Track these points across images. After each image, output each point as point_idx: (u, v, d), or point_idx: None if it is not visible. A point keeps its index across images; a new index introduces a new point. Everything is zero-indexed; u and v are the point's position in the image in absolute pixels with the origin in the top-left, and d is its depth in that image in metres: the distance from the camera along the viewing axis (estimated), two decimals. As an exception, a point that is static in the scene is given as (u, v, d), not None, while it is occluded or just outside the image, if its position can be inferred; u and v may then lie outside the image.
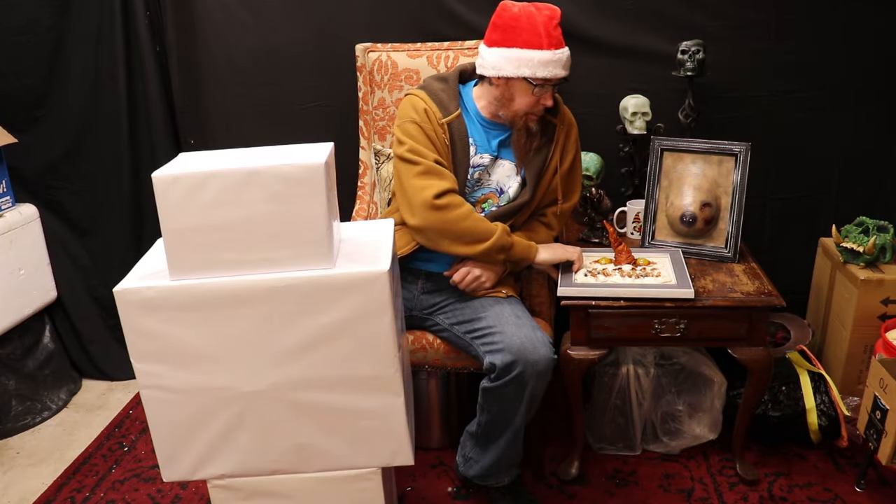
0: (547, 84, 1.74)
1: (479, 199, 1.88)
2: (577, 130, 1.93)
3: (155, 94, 2.47)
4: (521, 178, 1.88)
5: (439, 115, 1.80)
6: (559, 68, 1.73)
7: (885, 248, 2.12)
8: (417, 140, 1.77)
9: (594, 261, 1.99)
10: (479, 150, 1.85)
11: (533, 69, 1.71)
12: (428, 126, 1.78)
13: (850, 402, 2.10)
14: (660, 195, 2.12)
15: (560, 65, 1.73)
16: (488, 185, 1.88)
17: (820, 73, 2.27)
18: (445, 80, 1.86)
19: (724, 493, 1.98)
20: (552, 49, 1.70)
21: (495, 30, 1.75)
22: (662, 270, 1.93)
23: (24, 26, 2.40)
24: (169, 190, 1.30)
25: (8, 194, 2.48)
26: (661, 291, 1.82)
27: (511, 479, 1.89)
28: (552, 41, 1.71)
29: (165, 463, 1.48)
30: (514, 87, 1.76)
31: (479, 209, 1.88)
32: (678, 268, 1.92)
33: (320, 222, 1.33)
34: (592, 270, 1.93)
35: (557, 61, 1.72)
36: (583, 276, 1.90)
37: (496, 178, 1.88)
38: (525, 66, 1.71)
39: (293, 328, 1.37)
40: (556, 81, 1.75)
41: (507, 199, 1.88)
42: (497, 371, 1.68)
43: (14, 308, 2.43)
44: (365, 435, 1.46)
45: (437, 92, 1.83)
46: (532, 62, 1.70)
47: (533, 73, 1.71)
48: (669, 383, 2.10)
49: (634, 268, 1.94)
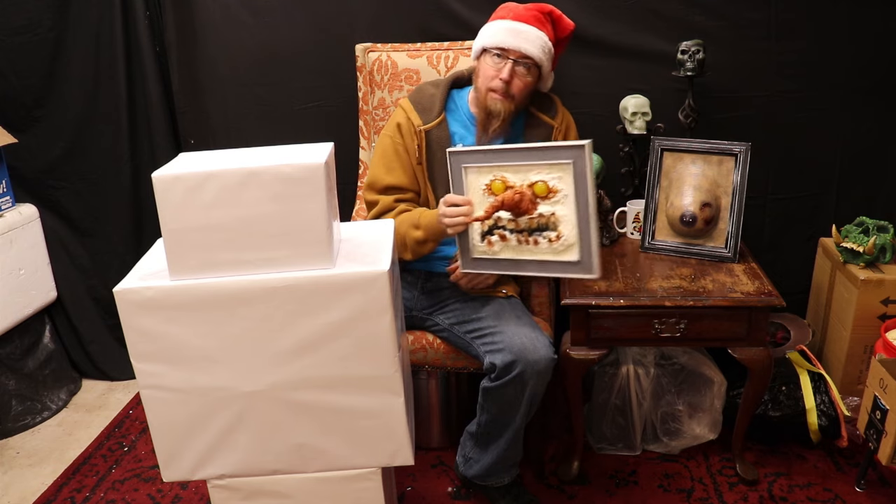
0: (505, 56, 1.74)
1: None
2: (576, 132, 1.93)
3: (155, 94, 2.47)
4: None
5: (419, 123, 1.84)
6: (519, 41, 1.73)
7: (885, 248, 2.12)
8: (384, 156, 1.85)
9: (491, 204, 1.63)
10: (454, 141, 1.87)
11: (491, 38, 1.74)
12: (399, 141, 1.85)
13: (850, 402, 2.10)
14: (660, 195, 2.12)
15: (520, 37, 1.73)
16: None
17: (820, 73, 2.27)
18: (437, 86, 1.90)
19: (724, 493, 1.98)
20: (516, 21, 1.73)
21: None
22: (564, 228, 1.60)
23: (24, 26, 2.40)
24: (169, 190, 1.30)
25: (8, 194, 2.48)
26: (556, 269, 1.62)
27: (511, 479, 1.89)
28: (519, 15, 1.73)
29: (165, 463, 1.48)
30: (480, 65, 1.80)
31: None
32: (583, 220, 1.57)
33: (320, 222, 1.33)
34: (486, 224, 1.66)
35: (517, 33, 1.73)
36: (479, 241, 1.69)
37: None
38: (486, 36, 1.76)
39: (293, 328, 1.37)
40: (518, 57, 1.75)
41: None
42: (497, 371, 1.68)
43: (14, 308, 2.43)
44: (365, 435, 1.46)
45: (424, 98, 1.87)
46: (491, 31, 1.75)
47: (491, 42, 1.74)
48: (669, 383, 2.10)
49: (531, 220, 1.61)
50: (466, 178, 1.66)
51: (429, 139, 1.82)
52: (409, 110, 1.85)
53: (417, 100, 1.87)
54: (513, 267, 1.67)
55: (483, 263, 1.71)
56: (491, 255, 1.69)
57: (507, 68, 1.75)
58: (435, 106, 1.85)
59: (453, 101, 1.89)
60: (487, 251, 1.69)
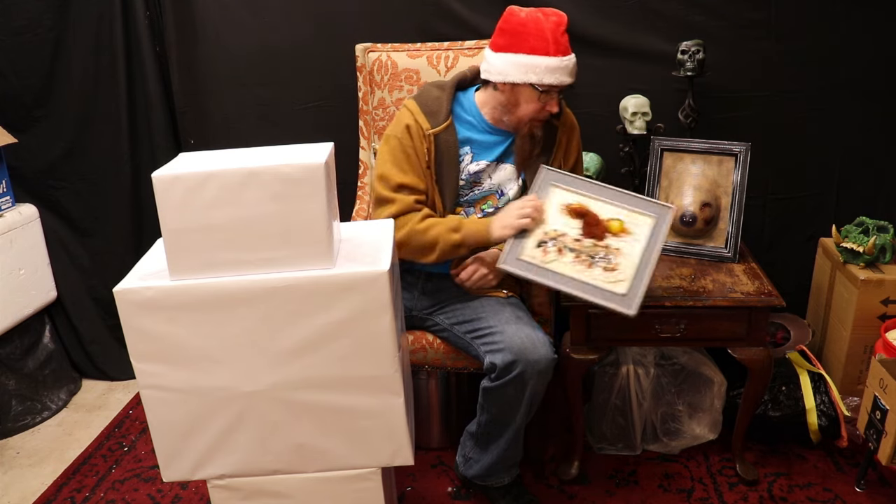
0: (553, 91, 1.73)
1: (479, 201, 1.88)
2: (580, 133, 1.93)
3: (155, 94, 2.47)
4: (521, 180, 1.88)
5: (427, 126, 1.80)
6: (566, 75, 1.72)
7: (885, 248, 2.12)
8: (393, 157, 1.80)
9: (563, 223, 1.75)
10: (475, 158, 1.84)
11: (539, 76, 1.69)
12: (408, 143, 1.79)
13: (850, 402, 2.10)
14: (660, 195, 2.11)
15: (567, 72, 1.72)
16: (489, 188, 1.88)
17: (820, 73, 2.27)
18: (442, 88, 1.85)
19: (724, 493, 1.98)
20: (559, 55, 1.69)
21: (502, 35, 1.73)
22: (623, 263, 1.69)
23: (24, 26, 2.40)
24: (169, 190, 1.30)
25: (8, 194, 2.48)
26: (597, 295, 1.65)
27: (511, 479, 1.89)
28: (559, 48, 1.69)
29: (165, 463, 1.48)
30: (519, 93, 1.74)
31: (478, 211, 1.88)
32: (644, 264, 1.69)
33: (320, 222, 1.33)
34: (548, 234, 1.73)
35: (564, 68, 1.71)
36: (533, 246, 1.73)
37: (497, 181, 1.88)
38: (532, 72, 1.69)
39: (293, 328, 1.37)
40: (562, 88, 1.74)
41: (507, 200, 1.88)
42: (497, 371, 1.68)
43: (14, 308, 2.43)
44: (365, 435, 1.46)
45: (430, 101, 1.83)
46: (539, 69, 1.69)
47: (539, 80, 1.70)
48: (669, 383, 2.10)
49: (596, 245, 1.71)
50: (550, 193, 1.78)
51: (437, 143, 1.80)
52: (416, 113, 1.81)
53: (423, 102, 1.83)
54: (555, 279, 1.69)
55: (527, 267, 1.71)
56: (539, 262, 1.71)
57: (556, 101, 1.75)
58: (442, 109, 1.81)
59: (459, 104, 1.87)
60: (537, 257, 1.71)
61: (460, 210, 1.88)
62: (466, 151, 1.84)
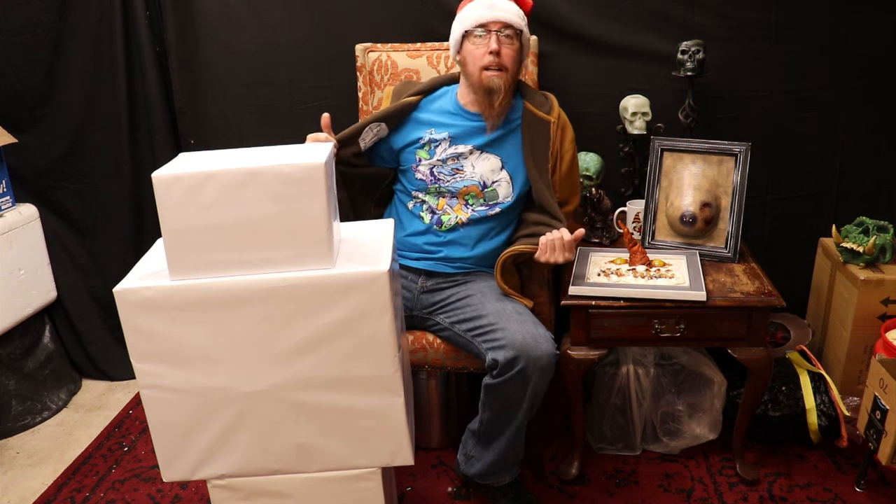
0: (486, 31, 1.79)
1: (461, 192, 1.88)
2: (573, 133, 1.92)
3: (155, 94, 2.47)
4: (507, 174, 1.88)
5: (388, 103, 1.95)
6: (496, 12, 1.78)
7: (885, 248, 2.12)
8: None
9: (609, 261, 2.00)
10: (454, 143, 1.88)
11: (469, 19, 1.80)
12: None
13: (850, 402, 2.10)
14: (660, 195, 2.12)
15: (496, 10, 1.78)
16: (470, 177, 1.88)
17: (820, 73, 2.27)
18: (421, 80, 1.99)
19: (724, 493, 1.98)
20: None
21: None
22: (677, 272, 1.92)
23: (24, 26, 2.40)
24: (169, 190, 1.30)
25: (8, 194, 2.48)
26: (672, 293, 1.82)
27: (512, 479, 1.89)
28: None
29: (165, 463, 1.48)
30: (465, 54, 1.83)
31: (461, 201, 1.88)
32: (693, 269, 1.92)
33: (320, 222, 1.33)
34: (606, 270, 1.94)
35: (492, 6, 1.78)
36: (596, 275, 1.91)
37: (480, 171, 1.88)
38: (461, 24, 1.82)
39: (293, 328, 1.37)
40: (500, 27, 1.78)
41: (492, 193, 1.88)
42: (499, 367, 1.68)
43: (14, 308, 2.43)
44: (365, 435, 1.46)
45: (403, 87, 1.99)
46: (468, 19, 1.81)
47: (472, 22, 1.79)
48: (669, 383, 2.10)
49: (649, 269, 1.94)
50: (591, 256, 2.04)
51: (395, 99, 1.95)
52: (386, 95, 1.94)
53: (397, 88, 1.96)
54: (625, 291, 1.84)
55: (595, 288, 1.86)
56: (604, 282, 1.88)
57: (493, 39, 1.78)
58: (411, 89, 1.93)
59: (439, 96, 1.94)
60: (602, 280, 1.89)
61: (443, 202, 1.89)
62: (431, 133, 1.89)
